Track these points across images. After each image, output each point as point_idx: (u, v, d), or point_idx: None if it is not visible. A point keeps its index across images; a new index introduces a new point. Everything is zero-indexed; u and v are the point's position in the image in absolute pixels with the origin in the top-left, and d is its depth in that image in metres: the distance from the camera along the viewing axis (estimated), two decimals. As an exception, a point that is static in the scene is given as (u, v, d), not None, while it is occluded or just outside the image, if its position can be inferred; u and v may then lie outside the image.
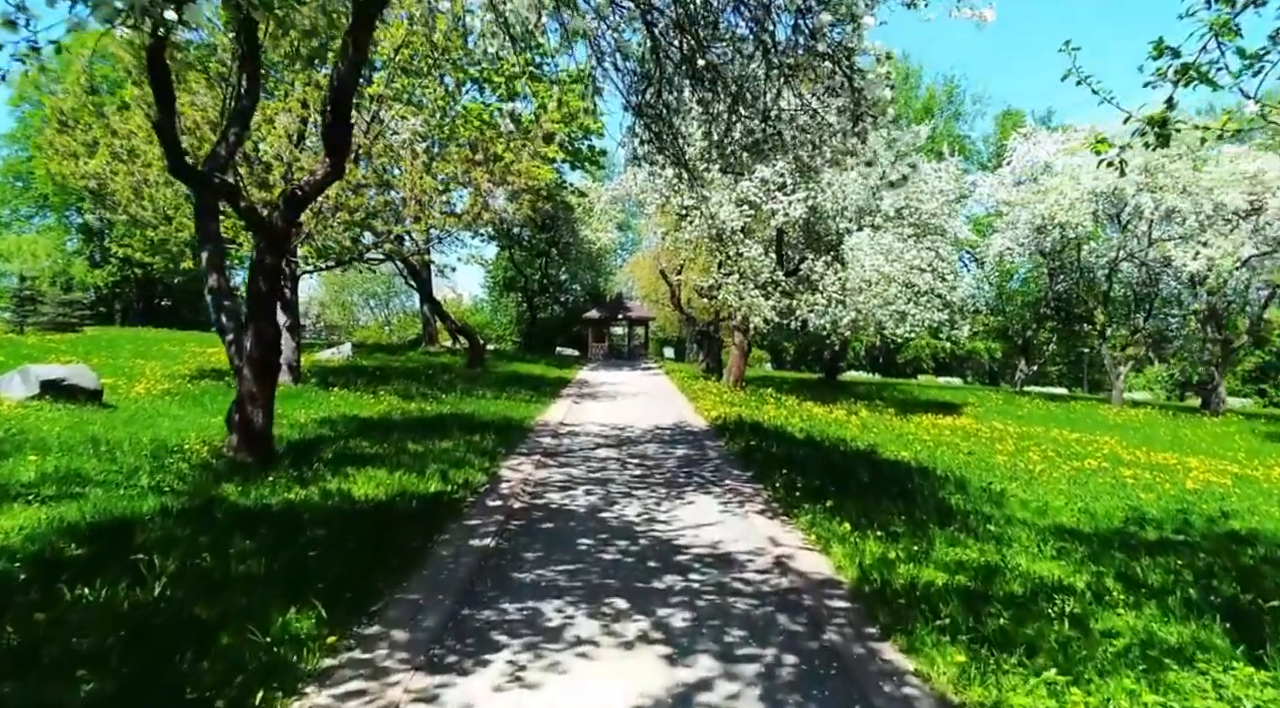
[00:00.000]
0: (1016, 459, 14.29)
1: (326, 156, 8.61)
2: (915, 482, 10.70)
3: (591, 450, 11.83)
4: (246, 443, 8.86)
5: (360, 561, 5.85)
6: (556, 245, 39.96)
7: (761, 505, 8.46)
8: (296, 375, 16.43)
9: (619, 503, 8.36)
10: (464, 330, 26.00)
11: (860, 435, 15.29)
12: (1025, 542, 8.01)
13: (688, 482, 9.70)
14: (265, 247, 8.71)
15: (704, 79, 9.82)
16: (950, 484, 11.19)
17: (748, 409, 17.70)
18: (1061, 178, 27.32)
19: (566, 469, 10.22)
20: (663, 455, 11.65)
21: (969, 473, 12.58)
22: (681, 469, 10.51)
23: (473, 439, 11.67)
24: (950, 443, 15.71)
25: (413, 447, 10.78)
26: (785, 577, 6.07)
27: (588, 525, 7.42)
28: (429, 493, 8.20)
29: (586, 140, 30.93)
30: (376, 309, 70.38)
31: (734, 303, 19.76)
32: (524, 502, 8.30)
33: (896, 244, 20.95)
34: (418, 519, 7.19)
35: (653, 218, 25.09)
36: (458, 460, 9.95)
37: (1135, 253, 28.58)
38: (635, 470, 10.31)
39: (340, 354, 25.40)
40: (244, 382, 8.88)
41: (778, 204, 19.89)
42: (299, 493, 7.95)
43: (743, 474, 10.15)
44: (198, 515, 6.85)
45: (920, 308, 20.51)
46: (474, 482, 8.93)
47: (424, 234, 18.89)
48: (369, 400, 15.37)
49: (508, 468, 9.97)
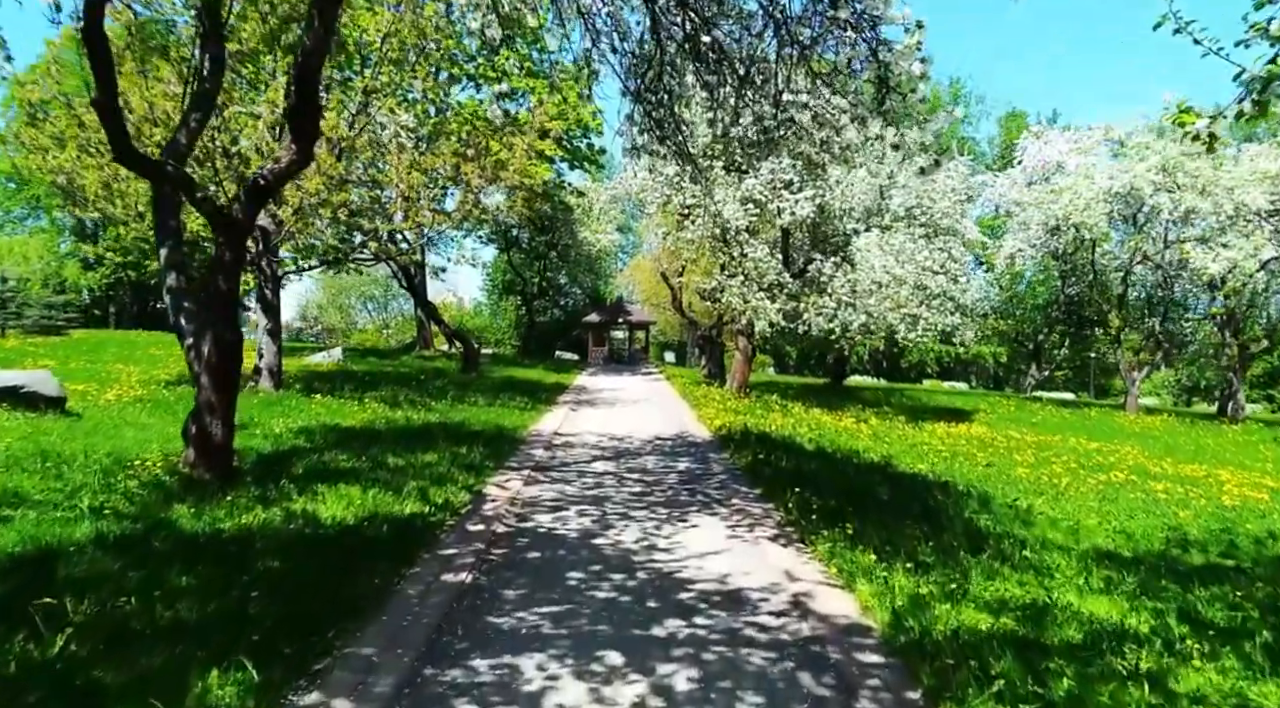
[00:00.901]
0: (1039, 472, 13.46)
1: (292, 142, 7.80)
2: (937, 499, 9.89)
3: (587, 464, 10.99)
4: (204, 459, 8.03)
5: (311, 603, 5.03)
6: (555, 248, 39.13)
7: (773, 529, 7.61)
8: (278, 381, 15.60)
9: (615, 527, 7.52)
10: (458, 334, 25.16)
11: (873, 446, 14.46)
12: (1067, 571, 7.20)
13: (691, 500, 8.86)
14: (225, 242, 7.90)
15: (708, 60, 9.02)
16: (973, 501, 10.40)
17: (753, 418, 16.85)
18: (1075, 177, 26.48)
19: (559, 486, 9.38)
20: (664, 470, 10.81)
21: (991, 488, 11.80)
22: (684, 486, 9.66)
23: (459, 452, 10.84)
24: (967, 454, 14.88)
25: (393, 460, 9.96)
26: (806, 621, 5.23)
27: (579, 554, 6.59)
28: (403, 516, 7.36)
29: (585, 138, 30.15)
30: (375, 312, 69.65)
31: (738, 306, 18.93)
32: (509, 526, 7.46)
33: (908, 244, 20.14)
34: (387, 548, 6.36)
35: (653, 218, 24.27)
36: (440, 477, 9.12)
37: (1150, 255, 27.71)
38: (634, 487, 9.48)
39: (331, 358, 24.59)
40: (202, 391, 8.05)
41: (784, 203, 19.08)
42: (258, 515, 7.13)
43: (751, 492, 9.30)
44: (136, 545, 6.03)
45: (933, 311, 19.67)
46: (455, 502, 8.09)
47: (415, 233, 18.08)
48: (353, 408, 14.54)
49: (494, 485, 9.13)
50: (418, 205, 14.50)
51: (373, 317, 68.90)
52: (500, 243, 39.62)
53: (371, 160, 14.32)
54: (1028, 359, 59.09)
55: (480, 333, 63.64)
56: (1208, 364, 42.11)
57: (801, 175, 19.70)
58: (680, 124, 10.52)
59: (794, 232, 21.32)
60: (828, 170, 20.30)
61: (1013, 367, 66.77)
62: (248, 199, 7.91)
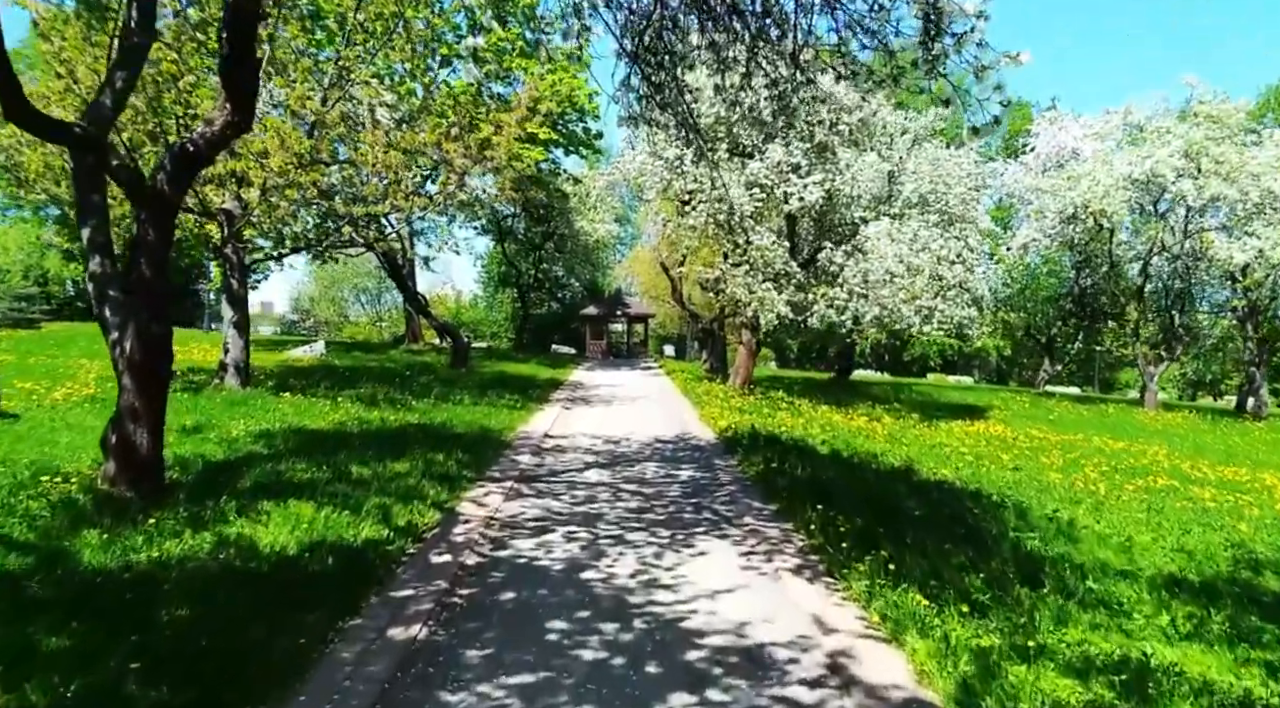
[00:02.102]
0: (1071, 476, 12.34)
1: (226, 101, 6.60)
2: (973, 513, 8.75)
3: (579, 473, 9.81)
4: (126, 473, 6.85)
5: (209, 678, 3.86)
6: (551, 238, 37.83)
7: (795, 558, 6.44)
8: (245, 378, 14.40)
9: (608, 555, 6.35)
10: (446, 328, 23.93)
11: (891, 449, 13.31)
12: (1141, 607, 6.09)
13: (697, 519, 7.69)
14: (148, 220, 6.70)
15: (715, 12, 7.84)
16: (1009, 512, 9.29)
17: (760, 417, 15.68)
18: (1094, 164, 25.26)
19: (545, 501, 8.20)
20: (665, 479, 9.63)
21: (1023, 495, 10.71)
22: (688, 500, 8.48)
23: (435, 459, 9.66)
24: (990, 456, 13.75)
25: (358, 470, 8.78)
26: (849, 697, 4.07)
27: (564, 595, 5.41)
28: (356, 544, 6.19)
29: (581, 122, 28.85)
30: (368, 305, 68.35)
31: (743, 297, 17.73)
32: (481, 555, 6.28)
33: (923, 232, 18.93)
34: (328, 589, 5.20)
35: (653, 204, 23.04)
36: (408, 491, 7.95)
37: (1170, 245, 26.53)
38: (631, 501, 8.30)
39: (312, 353, 23.40)
40: (124, 393, 6.87)
41: (792, 187, 17.86)
42: (184, 544, 5.96)
43: (765, 508, 8.12)
44: (11, 589, 4.87)
45: (948, 303, 18.48)
46: (421, 524, 6.91)
47: (397, 218, 16.85)
48: (325, 408, 13.35)
49: (470, 501, 7.95)
50: (396, 187, 13.29)
51: (365, 309, 67.61)
52: (495, 233, 38.35)
53: (344, 137, 13.07)
54: (1032, 353, 58.06)
55: (476, 326, 62.51)
56: (1216, 358, 41.00)
57: (810, 158, 18.50)
58: (683, 90, 9.33)
59: (800, 219, 20.12)
60: (837, 154, 19.12)
61: (1015, 360, 65.78)
62: (175, 168, 6.71)
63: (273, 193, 12.59)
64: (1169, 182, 23.52)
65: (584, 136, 29.38)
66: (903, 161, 20.60)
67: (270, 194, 12.61)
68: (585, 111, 28.00)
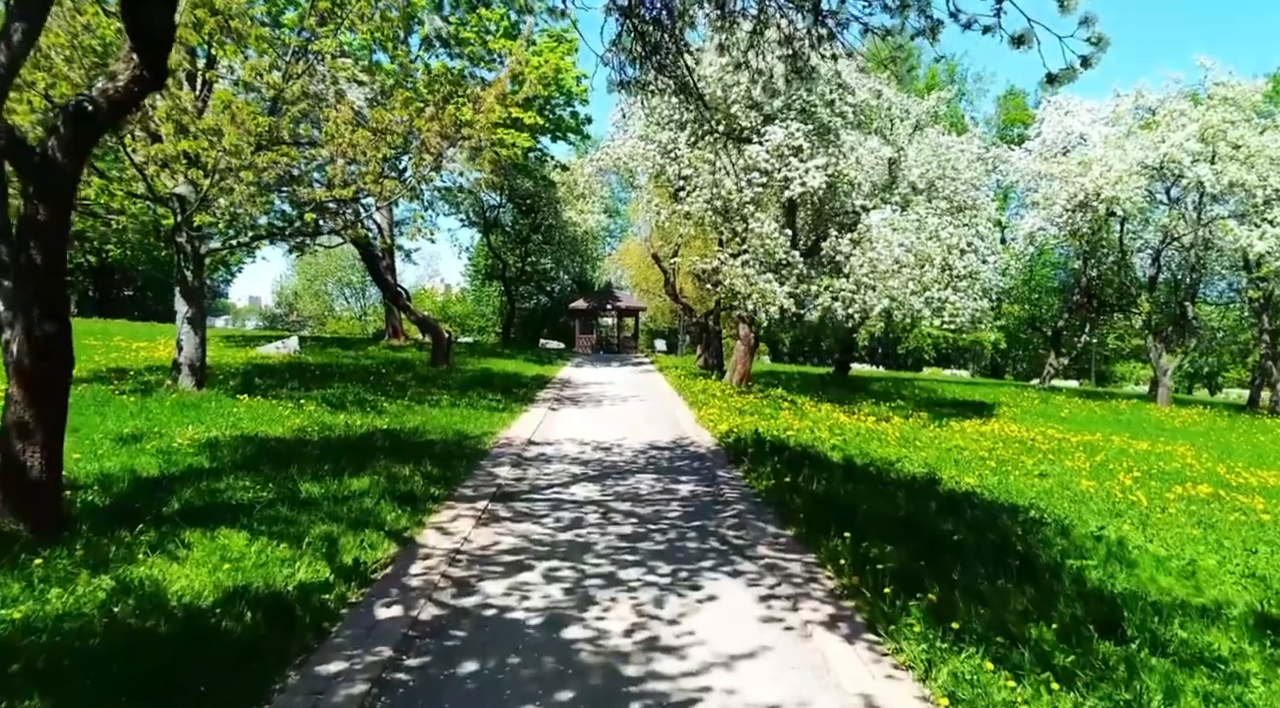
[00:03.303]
0: (1103, 483, 11.26)
1: (131, 50, 5.41)
2: (1016, 534, 7.65)
3: (564, 488, 8.62)
4: (14, 503, 5.64)
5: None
6: (539, 230, 36.57)
7: (827, 604, 5.28)
8: (201, 379, 13.16)
9: (598, 602, 5.18)
10: (425, 323, 22.65)
11: (906, 454, 12.20)
12: (1243, 661, 5.03)
13: (702, 549, 6.52)
14: (36, 194, 5.49)
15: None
16: (1049, 530, 8.24)
17: (762, 418, 14.54)
18: (1106, 148, 24.18)
19: (524, 526, 7.02)
20: (662, 496, 8.46)
21: (1057, 506, 9.68)
22: (691, 523, 7.30)
23: (400, 473, 8.48)
24: (1013, 461, 12.67)
25: (309, 489, 7.60)
26: None
27: (540, 666, 4.24)
28: (287, 591, 5.02)
29: (569, 106, 27.58)
30: (353, 299, 66.93)
31: (742, 289, 16.56)
32: (441, 605, 5.10)
33: (931, 219, 17.81)
34: (235, 661, 4.03)
35: (644, 193, 21.83)
36: (362, 515, 6.77)
37: (1182, 233, 25.49)
38: (624, 525, 7.13)
39: (284, 349, 22.11)
40: (11, 406, 5.66)
41: (793, 172, 16.69)
42: (73, 593, 4.81)
43: (780, 533, 6.96)
44: None
45: (959, 295, 17.37)
46: (371, 560, 5.73)
47: (376, 203, 15.59)
48: (286, 411, 12.14)
49: (435, 528, 6.76)
50: (364, 170, 12.06)
51: (349, 304, 66.19)
52: (480, 224, 37.11)
53: (306, 113, 11.83)
54: (1027, 345, 57.16)
55: (463, 320, 61.21)
56: (1214, 351, 40.12)
57: (812, 142, 17.33)
58: (683, 49, 8.16)
59: (800, 206, 18.96)
60: (840, 136, 17.98)
61: (1010, 353, 65.03)
62: (70, 132, 5.50)
63: (226, 175, 11.35)
64: (1185, 167, 22.46)
65: (572, 122, 28.09)
66: (904, 148, 19.49)
67: (223, 177, 11.37)
68: (573, 95, 26.74)
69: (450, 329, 26.94)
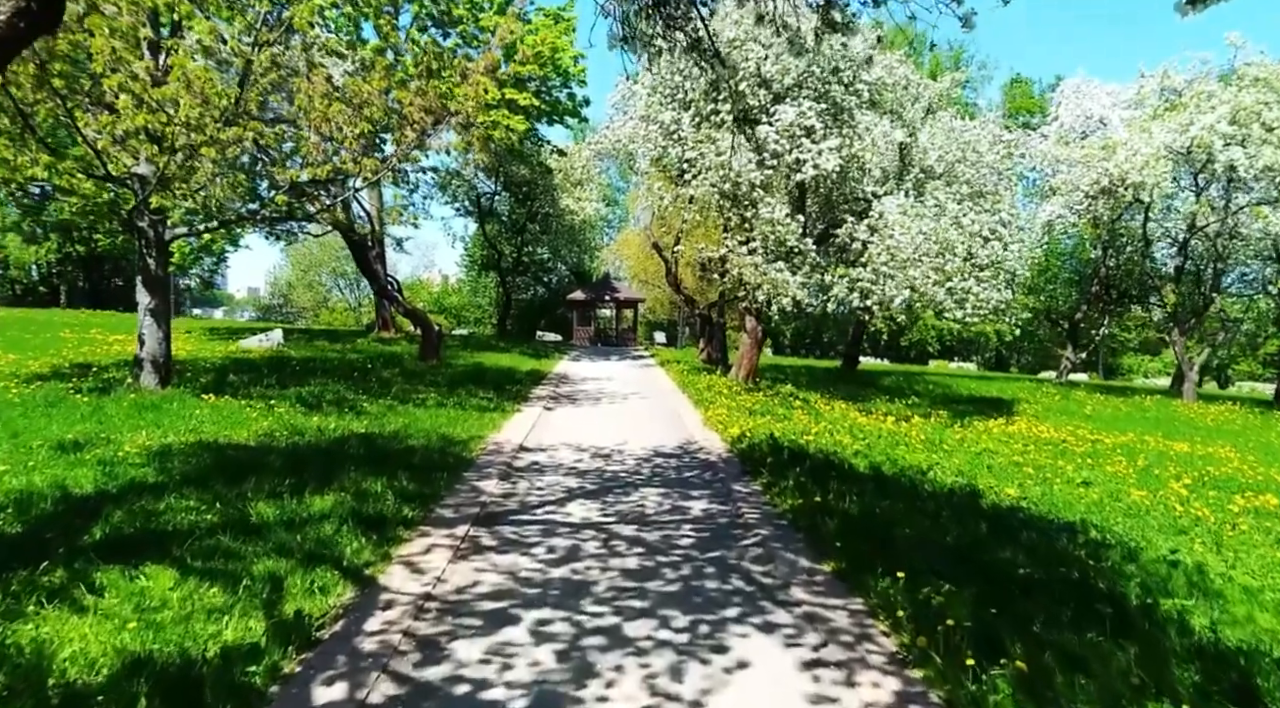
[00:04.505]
0: (1157, 494, 10.18)
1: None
2: (1087, 563, 6.57)
3: (558, 507, 7.51)
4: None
5: None
6: (535, 218, 35.36)
7: (891, 677, 4.16)
8: (165, 377, 12.04)
9: (599, 675, 4.08)
10: (414, 315, 21.48)
11: (937, 461, 11.11)
12: None
13: (724, 590, 5.41)
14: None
15: None
16: (1115, 553, 7.20)
17: (775, 420, 13.44)
18: (1131, 132, 23.03)
19: (510, 558, 5.91)
20: (672, 516, 7.35)
21: (1116, 522, 8.63)
22: (708, 554, 6.19)
23: (371, 489, 7.39)
24: (1051, 467, 11.60)
25: (261, 510, 6.51)
26: None
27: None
28: (206, 659, 3.93)
29: (565, 88, 26.34)
30: (348, 290, 65.68)
31: (751, 279, 15.43)
32: (399, 679, 4.00)
33: (951, 205, 16.70)
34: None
35: (645, 177, 20.68)
36: (318, 546, 5.69)
37: (1210, 221, 24.37)
38: (629, 557, 6.02)
39: (268, 342, 21.00)
40: None
41: (805, 153, 15.55)
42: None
43: (816, 569, 5.85)
44: None
45: (983, 285, 16.26)
46: (318, 612, 4.62)
47: (362, 183, 14.44)
48: (255, 413, 11.03)
49: (403, 562, 5.66)
50: (340, 147, 10.94)
51: (344, 295, 64.99)
52: (474, 212, 35.92)
53: (277, 85, 10.68)
54: (1032, 338, 56.04)
55: (459, 312, 60.04)
56: (1232, 342, 39.05)
57: (825, 121, 16.19)
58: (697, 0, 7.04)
59: (811, 191, 17.82)
60: (855, 116, 16.84)
61: (1015, 345, 64.04)
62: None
63: (185, 152, 10.21)
64: (1216, 151, 21.31)
65: (569, 104, 26.86)
66: (918, 131, 18.37)
67: (184, 155, 10.23)
68: (570, 76, 25.51)
69: (443, 322, 25.79)
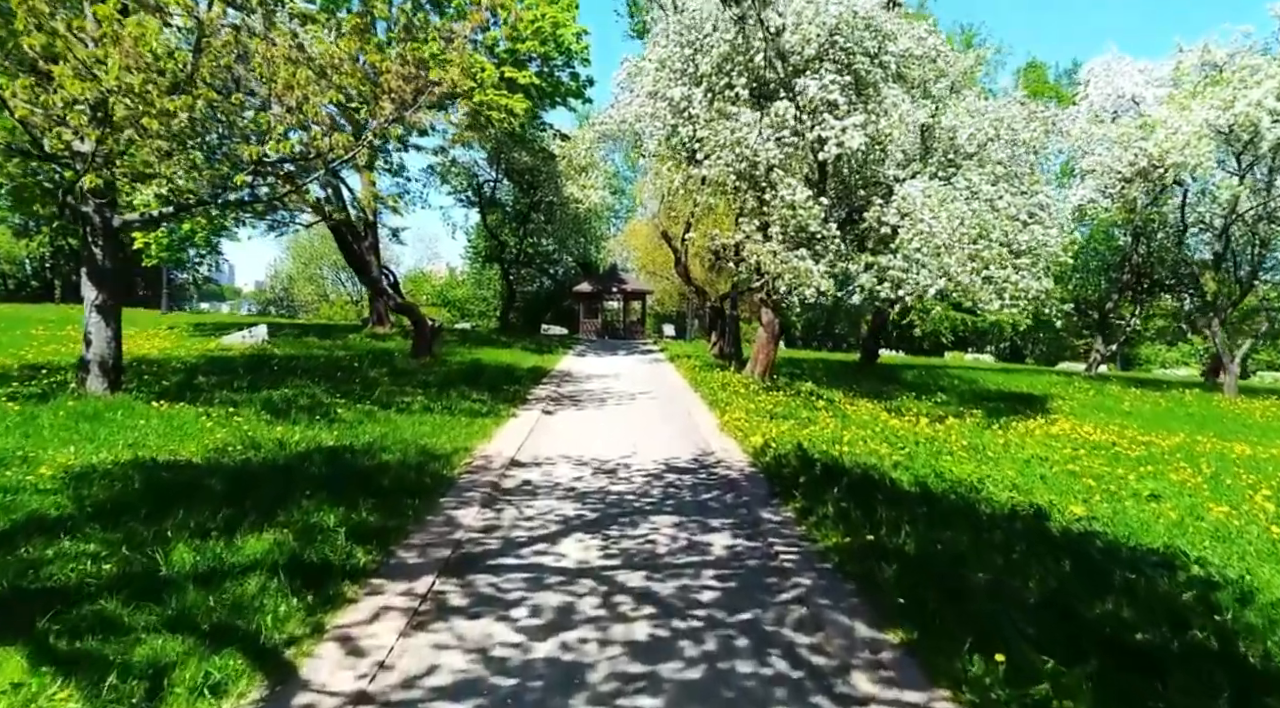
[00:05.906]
0: (1240, 509, 8.81)
1: None
2: (1207, 617, 5.24)
3: (550, 545, 6.16)
4: None
5: None
6: (538, 207, 33.98)
7: None
8: (115, 381, 10.74)
9: None
10: (406, 309, 20.15)
11: (988, 473, 9.72)
12: None
13: (763, 677, 4.04)
14: None
15: None
16: (1226, 595, 5.87)
17: (799, 425, 12.07)
18: (1169, 109, 21.54)
19: (481, 627, 4.57)
20: (689, 558, 5.99)
21: (1205, 549, 7.30)
22: (737, 617, 4.83)
23: (322, 523, 6.08)
24: (1112, 477, 10.20)
25: (179, 557, 5.20)
26: None
27: None
28: None
29: (569, 67, 24.92)
30: (348, 283, 64.43)
31: (770, 268, 14.06)
32: None
33: (985, 186, 15.27)
34: None
35: (654, 161, 19.30)
36: (235, 611, 4.38)
37: (1253, 205, 22.87)
38: (636, 623, 4.67)
39: (251, 339, 19.72)
40: None
41: (827, 131, 14.15)
42: None
43: (880, 641, 4.49)
44: None
45: (1020, 274, 14.83)
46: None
47: (338, 161, 13.09)
48: (212, 422, 9.73)
49: (339, 638, 4.31)
50: (306, 119, 9.62)
51: (346, 288, 63.76)
52: (476, 202, 34.57)
53: (230, 46, 9.33)
54: (1048, 328, 54.42)
55: (463, 305, 58.75)
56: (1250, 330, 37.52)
57: (849, 96, 14.77)
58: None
59: (832, 172, 16.41)
60: (881, 90, 15.42)
61: (1030, 336, 62.48)
62: None
63: (126, 124, 8.89)
64: (1265, 128, 19.82)
65: (572, 84, 25.42)
66: (943, 108, 16.92)
67: (123, 126, 8.91)
68: (573, 54, 24.08)
69: (445, 316, 24.41)
